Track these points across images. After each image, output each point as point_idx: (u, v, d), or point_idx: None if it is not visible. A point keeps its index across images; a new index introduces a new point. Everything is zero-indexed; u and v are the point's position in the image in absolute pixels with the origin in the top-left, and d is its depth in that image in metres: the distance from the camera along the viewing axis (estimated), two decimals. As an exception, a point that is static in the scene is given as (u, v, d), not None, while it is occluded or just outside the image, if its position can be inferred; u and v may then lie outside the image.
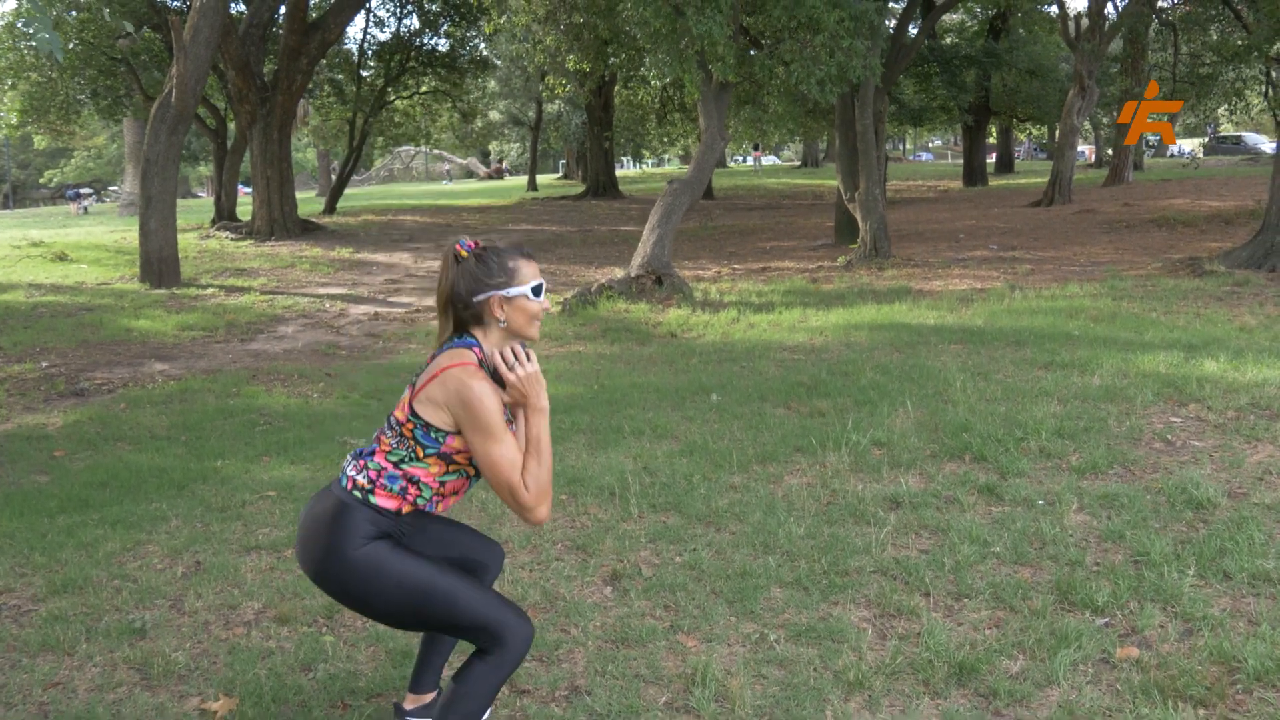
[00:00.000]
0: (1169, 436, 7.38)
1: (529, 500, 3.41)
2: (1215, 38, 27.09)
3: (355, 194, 60.60)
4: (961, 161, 59.25)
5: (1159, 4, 28.81)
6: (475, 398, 3.36)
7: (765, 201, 42.75)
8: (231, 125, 34.64)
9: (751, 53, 19.29)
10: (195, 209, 48.86)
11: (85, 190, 69.03)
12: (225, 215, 32.97)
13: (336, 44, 36.18)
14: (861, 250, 20.48)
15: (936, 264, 19.31)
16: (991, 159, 58.89)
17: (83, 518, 7.23)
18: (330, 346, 14.52)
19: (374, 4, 39.47)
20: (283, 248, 26.87)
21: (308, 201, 46.11)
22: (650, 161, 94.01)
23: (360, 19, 40.74)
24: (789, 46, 17.10)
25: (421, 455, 3.51)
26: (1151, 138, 55.13)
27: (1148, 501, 6.10)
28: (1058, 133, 34.56)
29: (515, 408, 3.58)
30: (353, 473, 3.56)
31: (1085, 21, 33.26)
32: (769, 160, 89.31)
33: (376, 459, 3.55)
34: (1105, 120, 52.29)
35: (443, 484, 3.57)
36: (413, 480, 3.52)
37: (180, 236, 26.60)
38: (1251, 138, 63.13)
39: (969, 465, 7.04)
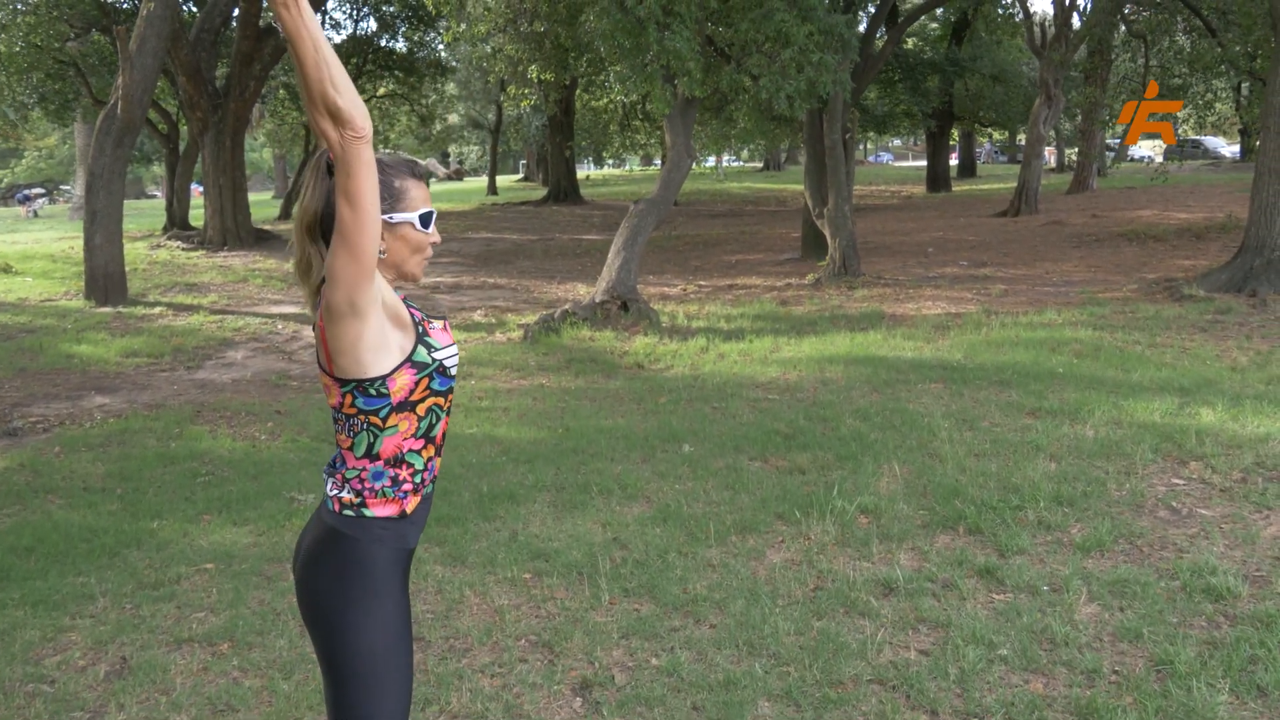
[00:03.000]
0: (1174, 503, 6.92)
1: (343, 134, 2.59)
2: (1187, 49, 26.79)
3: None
4: (923, 163, 59.04)
5: (1126, 12, 28.42)
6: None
7: (728, 208, 42.32)
8: (184, 129, 33.85)
9: (715, 60, 18.76)
10: (149, 211, 48.03)
11: (36, 191, 67.77)
12: (177, 223, 32.22)
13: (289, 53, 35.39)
14: (830, 268, 19.98)
15: (907, 282, 18.87)
16: (953, 162, 58.56)
17: (1, 595, 6.63)
18: (281, 376, 13.90)
19: (330, 6, 38.76)
20: (235, 259, 26.19)
21: (265, 205, 45.36)
22: (610, 163, 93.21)
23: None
24: (757, 60, 16.61)
25: (383, 424, 2.95)
26: (1112, 143, 55.03)
27: (1162, 590, 5.62)
28: (1023, 141, 34.24)
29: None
30: (334, 490, 3.01)
31: (1051, 30, 32.95)
32: (732, 161, 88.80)
33: (348, 463, 3.00)
34: (1068, 126, 52.11)
35: (430, 435, 3.04)
36: (397, 461, 2.99)
37: (130, 246, 25.93)
38: (1210, 141, 63.16)
39: (964, 539, 6.54)
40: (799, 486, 7.71)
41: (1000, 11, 40.39)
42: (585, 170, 75.34)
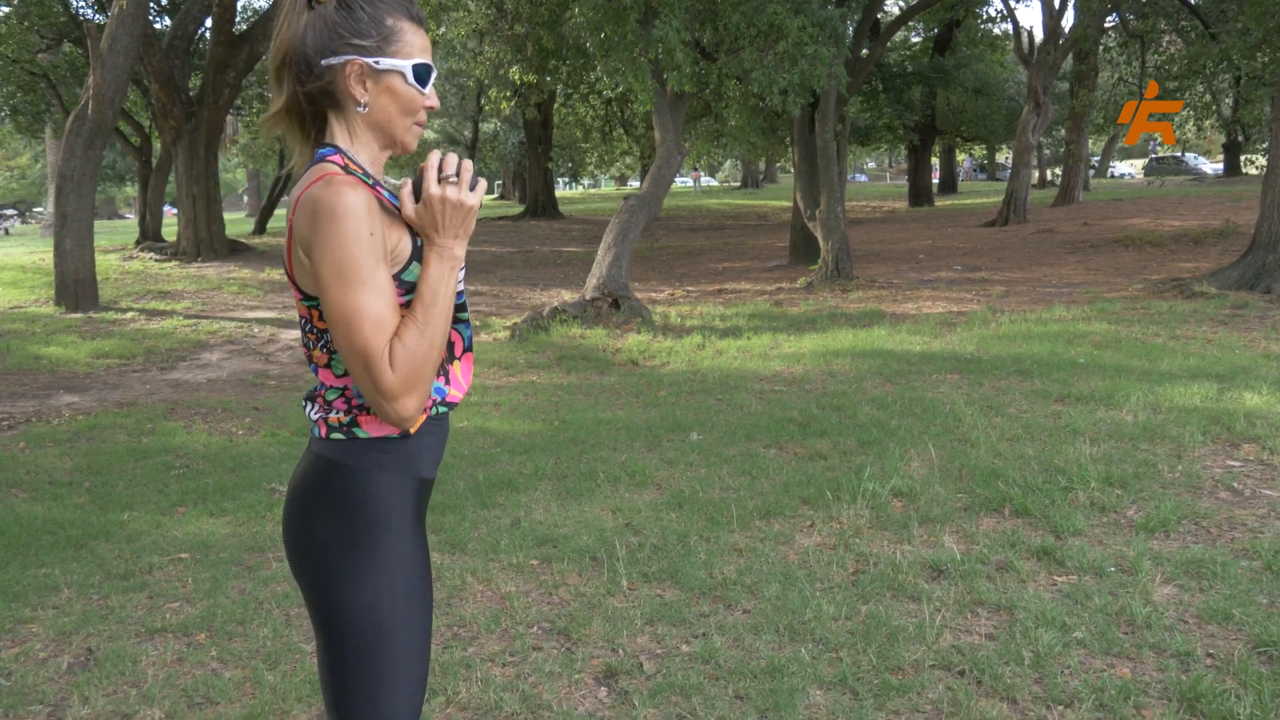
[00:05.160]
0: (1234, 484, 6.37)
1: (391, 382, 2.22)
2: (1182, 52, 26.36)
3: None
4: (900, 183, 58.66)
5: (1123, 13, 27.97)
6: (333, 209, 2.19)
7: (709, 222, 41.78)
8: (157, 143, 33.14)
9: (703, 61, 18.27)
10: (122, 230, 47.30)
11: (9, 211, 67.05)
12: (150, 235, 31.45)
13: (266, 57, 34.77)
14: (823, 271, 19.45)
15: (903, 285, 18.35)
16: (934, 180, 58.14)
17: (-44, 589, 6.02)
18: (259, 376, 13.28)
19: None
20: (210, 269, 25.49)
21: (239, 223, 44.68)
22: (587, 182, 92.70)
23: (291, 33, 39.34)
24: (749, 55, 16.10)
25: None
26: (1094, 158, 54.78)
27: (1243, 570, 5.07)
28: (1012, 151, 33.81)
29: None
30: (318, 414, 2.42)
31: (1040, 37, 32.59)
32: (708, 181, 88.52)
33: (328, 382, 2.42)
34: (1046, 140, 51.81)
35: None
36: None
37: (102, 258, 25.23)
38: (1192, 157, 62.88)
39: (1011, 521, 5.98)
40: (822, 472, 7.15)
41: (982, 26, 40.10)
42: (560, 189, 74.67)
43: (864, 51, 24.56)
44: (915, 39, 47.47)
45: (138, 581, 5.92)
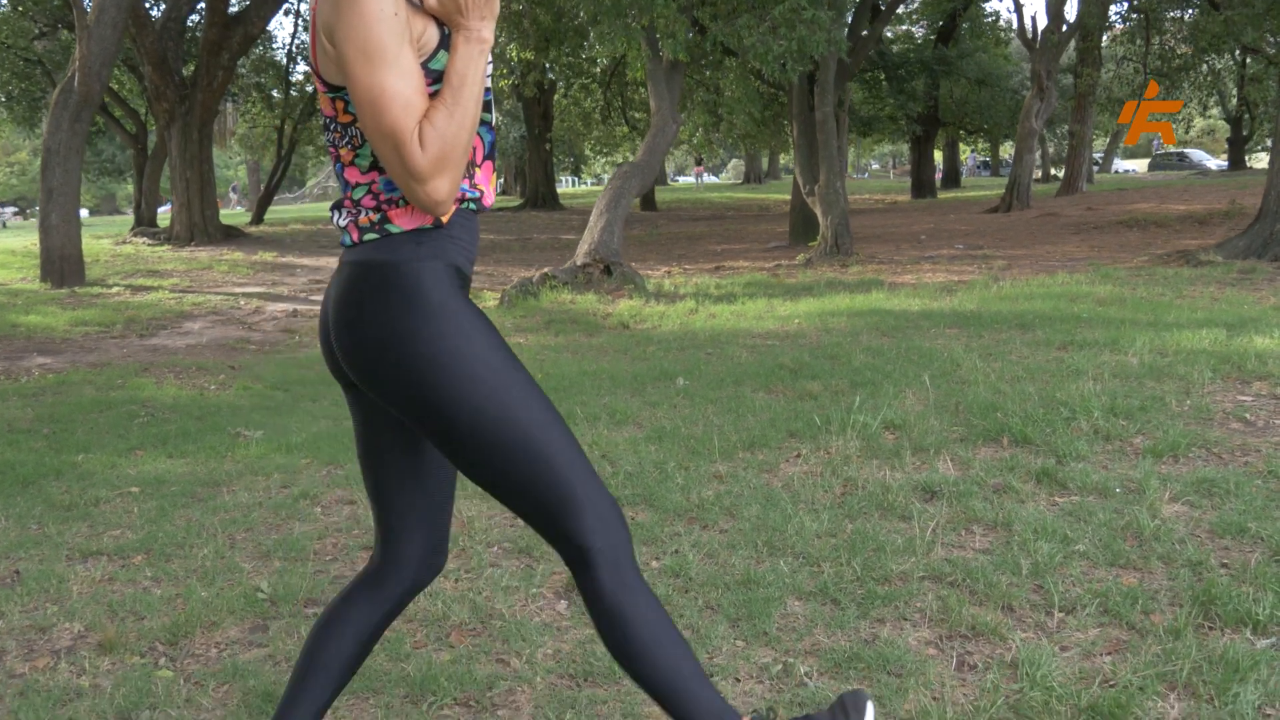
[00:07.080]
0: (1246, 415, 6.00)
1: (423, 163, 2.10)
2: (1190, 21, 25.93)
3: (288, 211, 58.67)
4: (905, 180, 58.24)
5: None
6: None
7: (710, 213, 41.40)
8: (153, 131, 32.78)
9: (697, 33, 17.91)
10: (121, 223, 46.96)
11: (8, 209, 66.88)
12: (145, 223, 31.13)
13: (264, 47, 34.46)
14: (822, 247, 19.06)
15: (904, 261, 17.95)
16: (938, 176, 57.68)
17: (-112, 521, 5.66)
18: (240, 342, 12.93)
19: (304, 9, 37.75)
20: (202, 252, 25.12)
21: (235, 216, 44.32)
22: (590, 180, 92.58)
23: (290, 22, 39.10)
24: (745, 21, 15.73)
25: None
26: (1096, 155, 54.43)
27: (1258, 488, 4.72)
28: (1016, 137, 33.42)
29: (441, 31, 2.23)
30: (347, 220, 2.30)
31: (1043, 21, 32.25)
32: (709, 177, 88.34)
33: (353, 180, 2.29)
34: (1049, 135, 51.44)
35: None
36: None
37: (96, 243, 24.97)
38: (1196, 154, 62.39)
39: (1010, 450, 5.61)
40: (811, 410, 6.77)
41: (987, 19, 39.77)
42: (564, 187, 74.46)
43: (863, 32, 24.19)
44: (919, 31, 47.09)
45: (81, 512, 5.58)
